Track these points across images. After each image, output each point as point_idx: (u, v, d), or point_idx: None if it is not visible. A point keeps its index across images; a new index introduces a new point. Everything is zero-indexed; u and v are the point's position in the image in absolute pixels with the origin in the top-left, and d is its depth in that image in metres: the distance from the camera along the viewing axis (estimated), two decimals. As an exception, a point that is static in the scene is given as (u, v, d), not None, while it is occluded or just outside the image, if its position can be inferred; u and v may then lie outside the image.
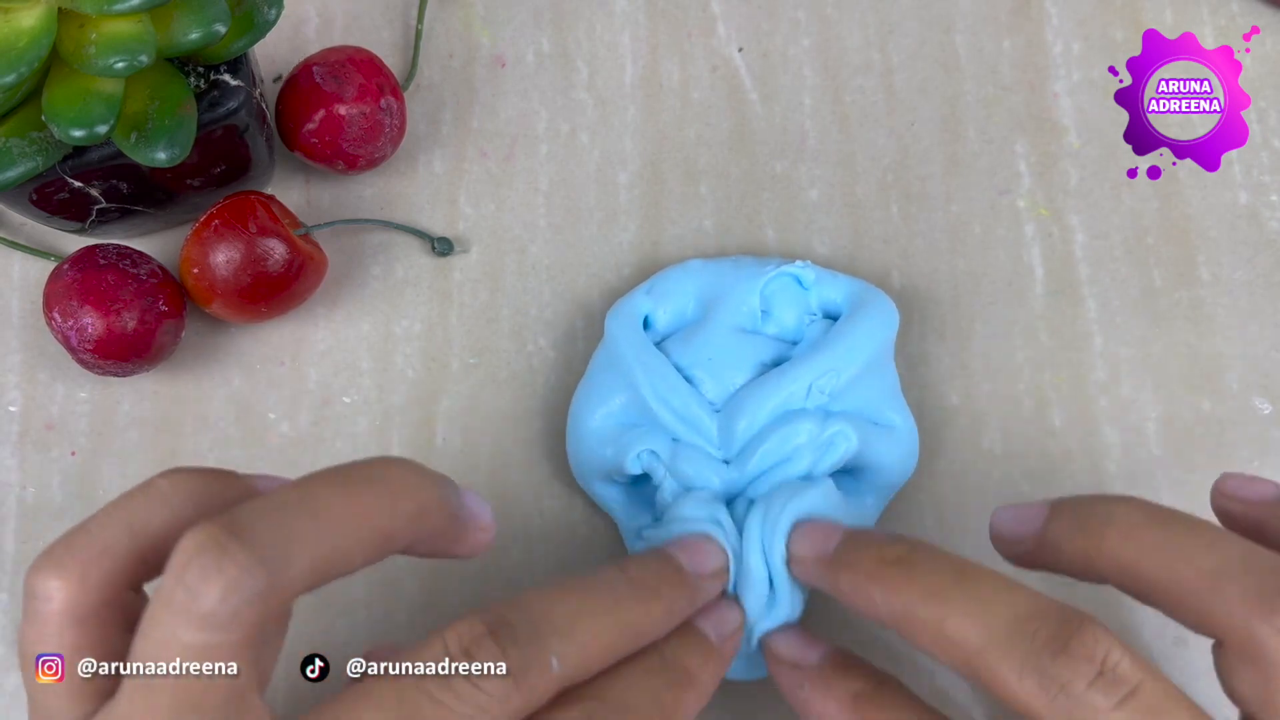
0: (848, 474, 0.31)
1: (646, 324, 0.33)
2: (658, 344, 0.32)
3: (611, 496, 0.32)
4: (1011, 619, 0.22)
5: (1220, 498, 0.27)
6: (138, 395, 0.34)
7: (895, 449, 0.31)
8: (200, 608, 0.20)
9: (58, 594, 0.22)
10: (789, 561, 0.28)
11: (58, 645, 0.22)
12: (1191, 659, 0.30)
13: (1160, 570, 0.23)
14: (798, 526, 0.28)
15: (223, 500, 0.23)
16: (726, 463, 0.30)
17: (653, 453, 0.30)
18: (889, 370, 0.32)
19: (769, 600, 0.28)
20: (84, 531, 0.23)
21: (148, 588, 0.23)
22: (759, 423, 0.30)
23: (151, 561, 0.23)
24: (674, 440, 0.30)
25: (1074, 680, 0.21)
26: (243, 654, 0.20)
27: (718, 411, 0.30)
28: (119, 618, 0.23)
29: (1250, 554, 0.23)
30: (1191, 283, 0.35)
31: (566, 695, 0.23)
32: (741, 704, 0.31)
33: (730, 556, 0.28)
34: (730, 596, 0.28)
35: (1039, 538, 0.25)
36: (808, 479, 0.30)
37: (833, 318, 0.33)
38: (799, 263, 0.32)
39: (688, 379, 0.31)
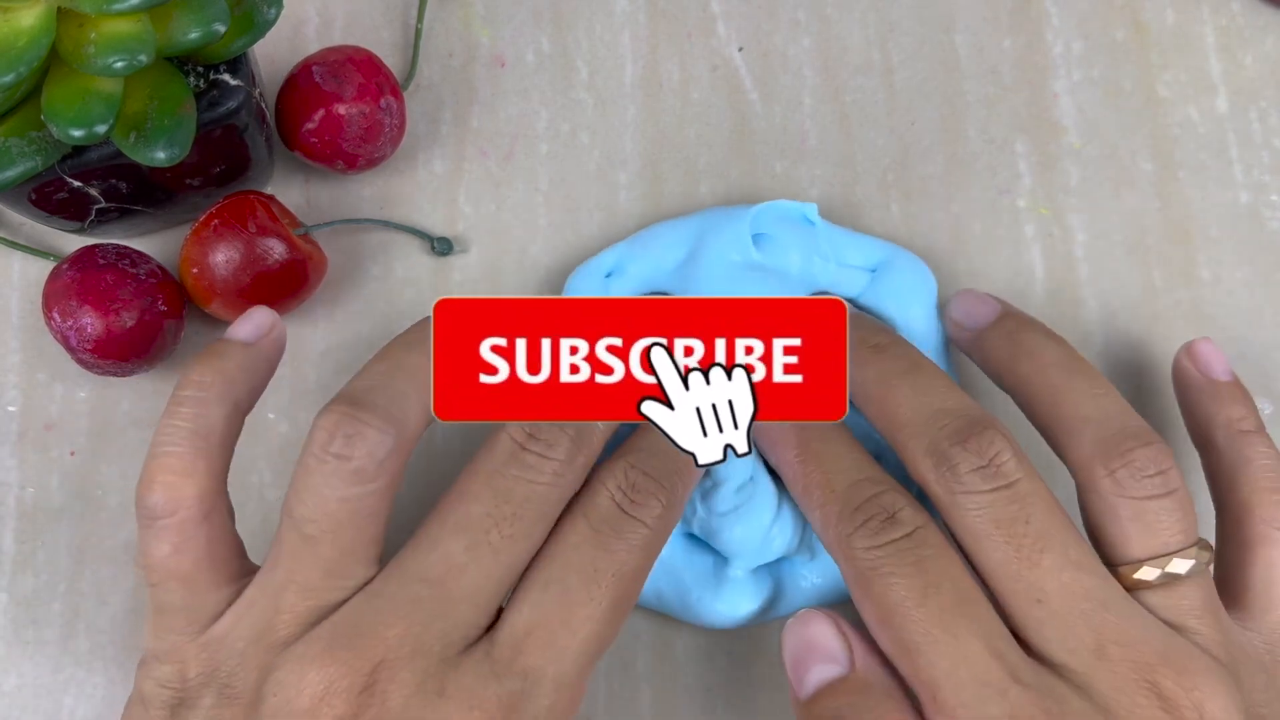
0: None
1: (616, 276, 0.33)
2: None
3: None
4: (935, 409, 0.26)
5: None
6: (137, 395, 0.34)
7: None
8: (351, 466, 0.24)
9: (182, 502, 0.25)
10: None
11: (194, 546, 0.26)
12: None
13: (1048, 404, 0.27)
14: None
15: (237, 369, 0.27)
16: None
17: None
18: (935, 327, 0.33)
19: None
20: (163, 453, 0.26)
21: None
22: None
23: (228, 445, 0.27)
24: None
25: (961, 464, 0.25)
26: (386, 498, 0.25)
27: None
28: (228, 505, 0.27)
29: (1119, 414, 0.27)
30: (1191, 283, 0.35)
31: (611, 456, 0.27)
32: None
33: None
34: None
35: (978, 334, 0.30)
36: None
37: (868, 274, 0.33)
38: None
39: None
